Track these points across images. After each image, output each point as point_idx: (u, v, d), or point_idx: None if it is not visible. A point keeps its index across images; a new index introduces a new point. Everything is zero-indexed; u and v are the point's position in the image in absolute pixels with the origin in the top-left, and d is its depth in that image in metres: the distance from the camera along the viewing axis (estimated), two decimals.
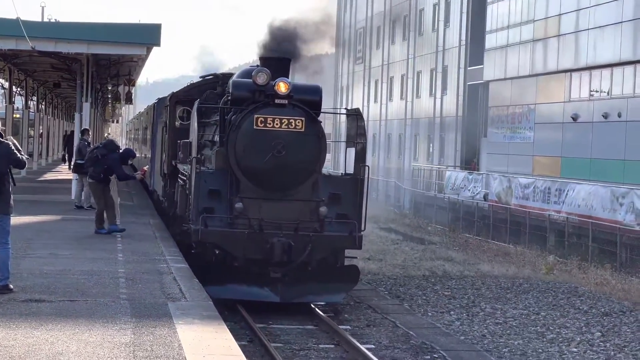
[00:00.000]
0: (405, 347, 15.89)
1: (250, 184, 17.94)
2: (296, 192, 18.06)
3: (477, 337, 17.58)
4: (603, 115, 35.85)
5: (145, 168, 21.22)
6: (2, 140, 12.71)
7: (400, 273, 25.29)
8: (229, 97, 18.80)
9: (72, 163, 27.39)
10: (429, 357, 15.35)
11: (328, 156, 23.70)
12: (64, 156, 48.16)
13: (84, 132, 26.36)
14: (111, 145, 20.76)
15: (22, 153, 12.99)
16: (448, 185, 45.99)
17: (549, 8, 40.55)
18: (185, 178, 19.61)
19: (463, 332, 17.90)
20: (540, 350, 16.65)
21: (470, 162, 48.48)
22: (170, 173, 23.30)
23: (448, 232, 39.56)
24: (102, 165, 20.05)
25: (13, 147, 12.74)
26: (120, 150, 21.22)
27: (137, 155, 41.89)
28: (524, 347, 16.83)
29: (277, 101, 17.87)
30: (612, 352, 16.76)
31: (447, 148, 53.76)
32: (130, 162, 21.50)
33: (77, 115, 30.12)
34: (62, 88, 47.11)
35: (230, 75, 21.32)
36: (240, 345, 10.97)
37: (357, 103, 69.12)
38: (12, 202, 12.84)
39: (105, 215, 20.32)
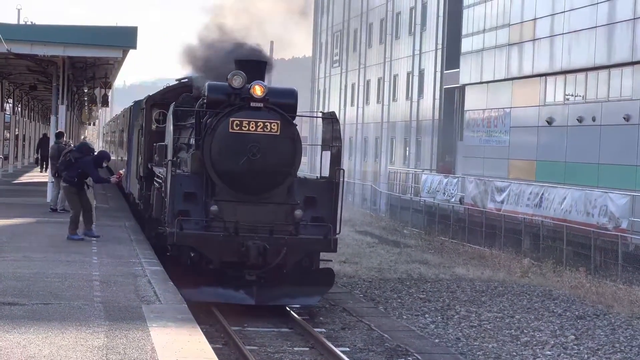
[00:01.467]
0: (380, 350, 15.93)
1: (225, 187, 17.95)
2: (271, 195, 18.08)
3: (452, 340, 17.63)
4: (577, 119, 36.05)
5: (122, 171, 21.05)
6: None
7: (375, 276, 25.33)
8: (205, 100, 18.80)
9: (51, 166, 27.15)
10: (403, 359, 15.39)
11: (304, 159, 23.71)
12: (37, 159, 47.96)
13: (59, 135, 26.21)
14: (85, 148, 20.51)
15: None
16: (424, 189, 46.10)
17: (524, 12, 40.73)
18: (161, 181, 19.58)
19: (438, 335, 17.95)
20: (514, 354, 16.72)
21: (439, 164, 48.41)
22: (146, 176, 23.26)
23: (424, 235, 39.65)
24: (76, 168, 19.72)
25: None
26: (95, 153, 21.03)
27: (114, 158, 41.80)
28: (498, 350, 16.89)
29: (252, 104, 17.88)
30: (586, 355, 16.85)
31: (423, 151, 53.89)
32: (105, 164, 21.21)
33: (53, 118, 29.99)
34: (39, 90, 46.87)
35: (206, 78, 21.30)
36: (214, 348, 10.98)
37: (333, 106, 69.20)
38: None
39: (81, 219, 20.10)
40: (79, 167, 19.65)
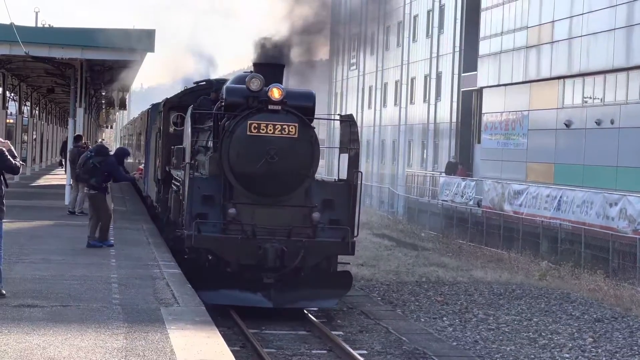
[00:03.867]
0: (397, 353, 15.91)
1: (243, 189, 17.97)
2: (289, 198, 18.09)
3: (470, 343, 17.60)
4: (596, 122, 35.92)
5: (142, 167, 20.84)
6: None
7: (393, 279, 25.31)
8: (223, 103, 18.82)
9: (70, 170, 27.13)
10: None
11: (322, 162, 23.68)
12: (60, 161, 48.25)
13: (77, 138, 26.21)
14: (103, 150, 20.10)
15: (17, 159, 12.97)
16: (442, 192, 46.03)
17: (542, 15, 40.63)
18: (178, 184, 19.62)
19: (455, 338, 17.92)
20: (532, 356, 16.69)
21: (454, 168, 48.06)
22: (164, 179, 23.31)
23: (441, 238, 39.58)
24: (102, 173, 19.18)
25: (7, 154, 12.73)
26: (112, 153, 20.70)
27: (131, 160, 41.94)
28: (516, 353, 16.86)
29: (270, 107, 17.89)
30: (604, 358, 16.80)
31: (440, 154, 53.81)
32: (127, 159, 20.70)
33: (70, 121, 30.11)
34: (56, 93, 47.11)
35: (224, 81, 21.34)
36: (232, 351, 11.00)
37: (351, 109, 69.18)
38: (4, 207, 12.85)
39: (99, 226, 19.22)
40: (104, 171, 19.15)
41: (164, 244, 20.52)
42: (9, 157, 12.72)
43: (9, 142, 13.27)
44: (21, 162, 13.16)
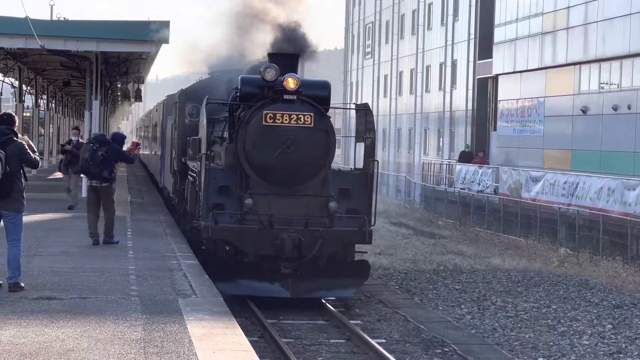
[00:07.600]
0: (416, 342, 15.90)
1: (259, 179, 17.97)
2: (306, 188, 18.08)
3: (488, 330, 17.57)
4: (613, 108, 35.76)
5: (135, 140, 20.12)
6: (16, 139, 12.77)
7: (410, 267, 25.29)
8: (238, 94, 18.81)
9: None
10: (439, 350, 15.36)
11: (338, 151, 23.64)
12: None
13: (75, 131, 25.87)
14: (104, 138, 19.18)
15: (36, 153, 13.05)
16: (459, 179, 45.94)
17: (558, 1, 40.45)
18: (195, 175, 19.63)
19: (474, 326, 17.90)
20: (551, 343, 16.64)
21: (474, 156, 47.87)
22: (180, 170, 23.34)
23: (459, 226, 39.52)
24: (111, 162, 18.66)
25: (26, 147, 12.80)
26: (110, 139, 19.94)
27: (148, 152, 41.96)
28: (535, 340, 16.82)
29: (285, 97, 17.88)
30: (624, 345, 16.73)
31: (457, 142, 53.71)
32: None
33: (87, 114, 30.18)
34: (72, 86, 47.21)
35: (239, 71, 21.33)
36: (250, 341, 11.00)
37: (366, 98, 69.09)
38: (24, 200, 12.91)
39: (105, 222, 18.64)
40: (112, 160, 18.67)
41: (181, 235, 20.56)
42: (29, 151, 12.80)
43: (26, 136, 13.36)
44: (41, 156, 13.26)
